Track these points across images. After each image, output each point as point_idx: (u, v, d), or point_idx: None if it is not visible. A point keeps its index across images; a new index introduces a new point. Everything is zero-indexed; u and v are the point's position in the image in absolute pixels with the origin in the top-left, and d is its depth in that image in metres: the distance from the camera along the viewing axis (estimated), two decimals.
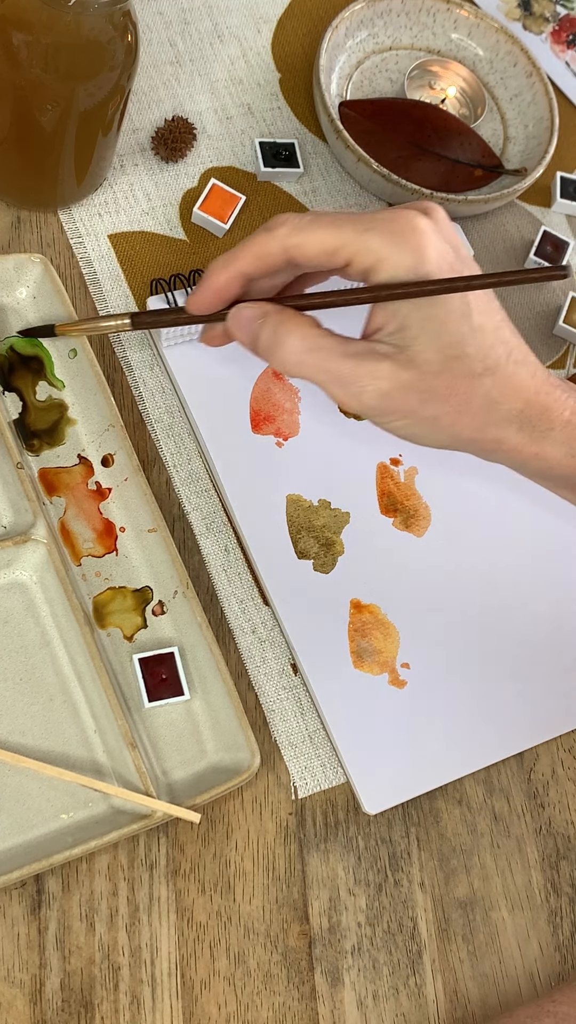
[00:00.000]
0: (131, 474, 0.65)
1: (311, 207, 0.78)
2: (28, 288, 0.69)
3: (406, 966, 0.62)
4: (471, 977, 0.62)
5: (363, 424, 0.72)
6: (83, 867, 0.59)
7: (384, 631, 0.67)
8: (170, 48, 0.80)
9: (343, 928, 0.61)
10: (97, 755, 0.61)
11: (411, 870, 0.64)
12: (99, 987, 0.57)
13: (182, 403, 0.70)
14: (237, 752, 0.61)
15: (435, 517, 0.71)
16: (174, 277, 0.71)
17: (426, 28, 0.85)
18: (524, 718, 0.67)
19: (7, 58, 0.62)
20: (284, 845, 0.62)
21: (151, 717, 0.62)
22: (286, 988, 0.60)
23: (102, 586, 0.64)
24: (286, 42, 0.83)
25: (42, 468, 0.66)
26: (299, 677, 0.66)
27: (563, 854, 0.66)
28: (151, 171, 0.76)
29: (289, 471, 0.69)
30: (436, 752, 0.65)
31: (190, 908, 0.60)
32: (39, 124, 0.65)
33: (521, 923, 0.64)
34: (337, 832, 0.63)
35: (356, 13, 0.81)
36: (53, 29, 0.61)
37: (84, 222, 0.73)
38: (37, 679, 0.61)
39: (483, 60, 0.85)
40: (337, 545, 0.69)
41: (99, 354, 0.70)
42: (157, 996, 0.58)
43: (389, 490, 0.71)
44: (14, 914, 0.57)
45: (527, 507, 0.73)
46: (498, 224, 0.82)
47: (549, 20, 0.91)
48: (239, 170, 0.78)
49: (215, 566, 0.67)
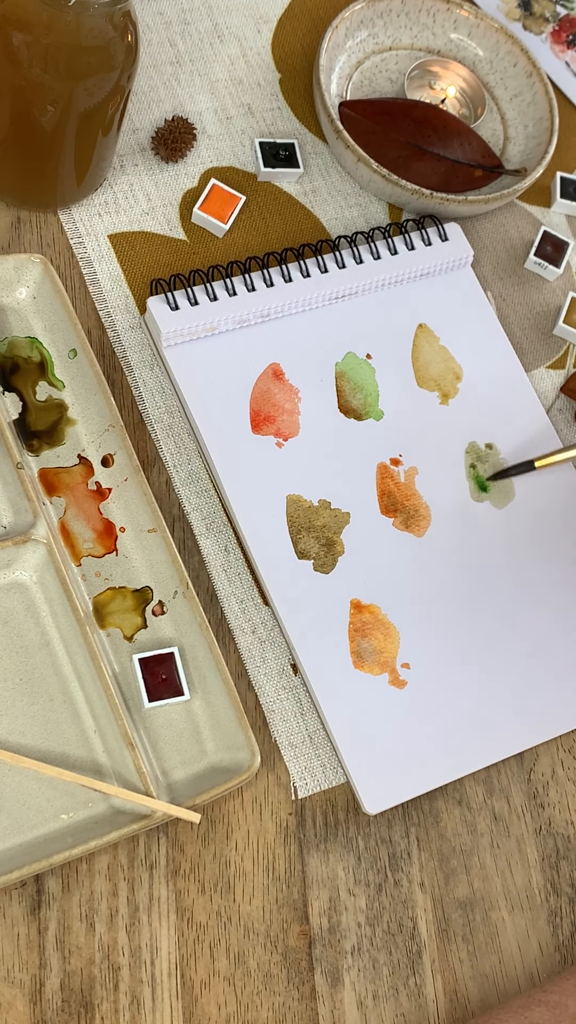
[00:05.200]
0: (131, 474, 0.65)
1: (311, 207, 0.78)
2: (28, 288, 0.69)
3: (406, 966, 0.62)
4: (471, 977, 0.62)
5: (363, 424, 0.72)
6: (83, 867, 0.59)
7: (384, 631, 0.67)
8: (170, 48, 0.80)
9: (343, 928, 0.61)
10: (97, 755, 0.61)
11: (411, 870, 0.64)
12: (99, 987, 0.57)
13: (182, 403, 0.70)
14: (237, 752, 0.61)
15: (435, 517, 0.71)
16: (174, 277, 0.71)
17: (426, 28, 0.85)
18: (524, 718, 0.67)
19: (7, 58, 0.62)
20: (284, 845, 0.62)
21: (151, 717, 0.62)
22: (286, 988, 0.60)
23: (102, 586, 0.64)
24: (286, 42, 0.83)
25: (42, 468, 0.66)
26: (299, 677, 0.66)
27: (563, 854, 0.66)
28: (151, 171, 0.76)
29: (289, 471, 0.69)
30: (436, 752, 0.65)
31: (190, 908, 0.60)
32: (39, 124, 0.65)
33: (521, 923, 0.64)
34: (337, 832, 0.63)
35: (356, 13, 0.81)
36: (53, 29, 0.61)
37: (84, 222, 0.73)
38: (37, 679, 0.61)
39: (483, 60, 0.85)
40: (337, 545, 0.69)
41: (99, 354, 0.70)
42: (157, 996, 0.58)
43: (389, 490, 0.71)
44: (14, 914, 0.57)
45: (527, 507, 0.73)
46: (498, 224, 0.82)
47: (549, 20, 0.91)
48: (239, 170, 0.78)
49: (215, 566, 0.67)
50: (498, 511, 0.72)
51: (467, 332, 0.76)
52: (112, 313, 0.72)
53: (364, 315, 0.75)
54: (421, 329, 0.75)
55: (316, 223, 0.78)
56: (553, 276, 0.81)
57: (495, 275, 0.80)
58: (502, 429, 0.74)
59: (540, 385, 0.77)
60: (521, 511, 0.73)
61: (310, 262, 0.74)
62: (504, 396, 0.75)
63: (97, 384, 0.66)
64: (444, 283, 0.77)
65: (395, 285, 0.76)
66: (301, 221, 0.78)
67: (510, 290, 0.80)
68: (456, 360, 0.75)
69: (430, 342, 0.75)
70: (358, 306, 0.75)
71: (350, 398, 0.72)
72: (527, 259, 0.80)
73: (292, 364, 0.72)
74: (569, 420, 0.77)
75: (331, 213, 0.78)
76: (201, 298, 0.70)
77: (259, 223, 0.77)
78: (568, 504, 0.74)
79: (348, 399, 0.72)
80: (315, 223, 0.78)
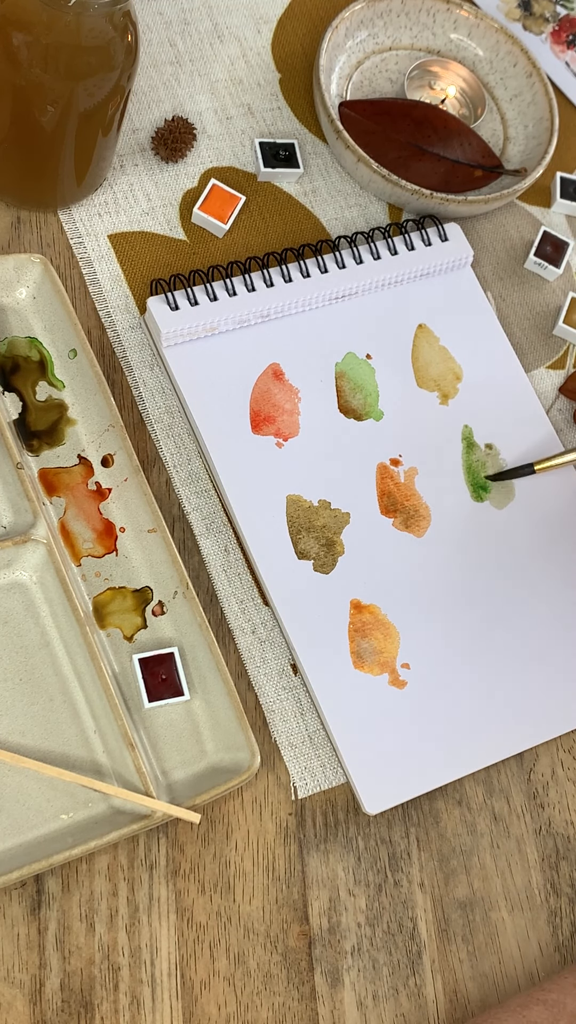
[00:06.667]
0: (131, 474, 0.65)
1: (311, 208, 0.78)
2: (28, 288, 0.69)
3: (406, 966, 0.62)
4: (471, 977, 0.62)
5: (363, 424, 0.72)
6: (83, 867, 0.59)
7: (384, 631, 0.67)
8: (170, 48, 0.80)
9: (343, 928, 0.61)
10: (97, 755, 0.61)
11: (411, 870, 0.64)
12: (99, 987, 0.57)
13: (182, 403, 0.70)
14: (237, 752, 0.61)
15: (435, 517, 0.71)
16: (174, 277, 0.71)
17: (426, 28, 0.85)
18: (524, 718, 0.67)
19: (7, 58, 0.62)
20: (284, 845, 0.62)
21: (151, 717, 0.62)
22: (286, 988, 0.60)
23: (102, 586, 0.64)
24: (286, 42, 0.83)
25: (42, 468, 0.66)
26: (299, 677, 0.66)
27: (563, 854, 0.66)
28: (151, 171, 0.76)
29: (289, 471, 0.69)
30: (436, 752, 0.65)
31: (190, 908, 0.60)
32: (39, 124, 0.65)
33: (521, 923, 0.64)
34: (337, 832, 0.63)
35: (356, 13, 0.81)
36: (53, 29, 0.61)
37: (84, 222, 0.73)
38: (37, 679, 0.61)
39: (483, 60, 0.85)
40: (337, 545, 0.69)
41: (99, 354, 0.70)
42: (157, 996, 0.58)
43: (389, 490, 0.71)
44: (14, 914, 0.57)
45: (527, 508, 0.73)
46: (498, 224, 0.82)
47: (549, 20, 0.91)
48: (239, 170, 0.78)
49: (215, 566, 0.67)
50: (498, 511, 0.72)
51: (467, 332, 0.76)
52: (112, 313, 0.72)
53: (364, 315, 0.75)
54: (421, 329, 0.75)
55: (316, 223, 0.78)
56: (553, 276, 0.81)
57: (495, 275, 0.80)
58: (502, 429, 0.74)
59: (540, 385, 0.77)
60: (521, 511, 0.73)
61: (310, 262, 0.74)
62: (504, 396, 0.75)
63: (97, 384, 0.66)
64: (444, 283, 0.77)
65: (395, 285, 0.76)
66: (301, 221, 0.78)
67: (510, 290, 0.80)
68: (456, 360, 0.75)
69: (430, 342, 0.75)
70: (358, 306, 0.75)
71: (350, 398, 0.72)
72: (527, 259, 0.80)
73: (292, 364, 0.72)
74: (569, 420, 0.77)
75: (331, 213, 0.78)
76: (201, 298, 0.70)
77: (259, 223, 0.77)
78: (568, 505, 0.74)
79: (348, 399, 0.72)
80: (315, 223, 0.78)
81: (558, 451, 0.74)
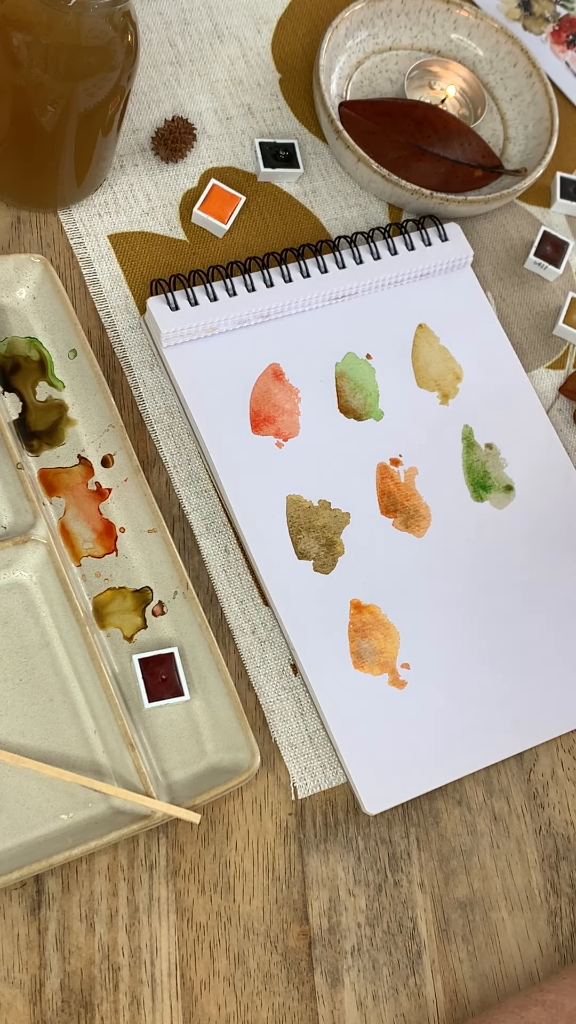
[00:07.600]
0: (131, 474, 0.65)
1: (311, 208, 0.78)
2: (28, 288, 0.69)
3: (406, 966, 0.62)
4: (471, 977, 0.62)
5: (363, 424, 0.72)
6: (83, 867, 0.59)
7: (384, 631, 0.67)
8: (170, 48, 0.80)
9: (343, 928, 0.61)
10: (97, 755, 0.61)
11: (411, 870, 0.64)
12: (99, 987, 0.57)
13: (182, 403, 0.70)
14: (237, 752, 0.61)
15: (435, 517, 0.71)
16: (174, 277, 0.71)
17: (426, 28, 0.85)
18: (524, 718, 0.67)
19: (7, 58, 0.62)
20: (284, 845, 0.62)
21: (151, 717, 0.62)
22: (286, 988, 0.60)
23: (102, 586, 0.64)
24: (286, 42, 0.83)
25: (42, 468, 0.66)
26: (299, 677, 0.66)
27: (563, 854, 0.66)
28: (151, 171, 0.76)
29: (289, 471, 0.69)
30: (436, 752, 0.65)
31: (190, 908, 0.60)
32: (39, 124, 0.65)
33: (521, 923, 0.64)
34: (337, 832, 0.63)
35: (356, 13, 0.81)
36: (53, 29, 0.61)
37: (84, 222, 0.73)
38: (37, 679, 0.61)
39: (483, 60, 0.85)
40: (337, 545, 0.69)
41: (99, 354, 0.70)
42: (157, 996, 0.58)
43: (389, 490, 0.71)
44: (14, 914, 0.57)
45: (527, 508, 0.73)
46: (498, 224, 0.82)
47: (549, 20, 0.91)
48: (239, 170, 0.78)
49: (215, 566, 0.67)
50: (498, 511, 0.72)
51: (467, 332, 0.76)
52: (112, 313, 0.72)
53: (364, 315, 0.75)
54: (421, 329, 0.75)
55: (316, 223, 0.78)
56: (553, 276, 0.81)
57: (495, 275, 0.80)
58: (502, 429, 0.74)
59: (540, 385, 0.77)
60: (521, 511, 0.73)
61: (310, 262, 0.74)
62: (504, 396, 0.75)
63: (97, 384, 0.66)
64: (444, 283, 0.77)
65: (395, 285, 0.76)
66: (301, 221, 0.78)
67: (510, 290, 0.80)
68: (456, 360, 0.75)
69: (430, 342, 0.75)
70: (358, 306, 0.75)
71: (350, 398, 0.72)
72: (527, 259, 0.80)
73: (292, 364, 0.72)
74: (569, 420, 0.77)
75: (331, 213, 0.78)
76: (201, 298, 0.70)
77: (259, 223, 0.77)
78: (568, 505, 0.74)
79: (348, 399, 0.72)
80: (315, 223, 0.78)
81: (558, 451, 0.74)
